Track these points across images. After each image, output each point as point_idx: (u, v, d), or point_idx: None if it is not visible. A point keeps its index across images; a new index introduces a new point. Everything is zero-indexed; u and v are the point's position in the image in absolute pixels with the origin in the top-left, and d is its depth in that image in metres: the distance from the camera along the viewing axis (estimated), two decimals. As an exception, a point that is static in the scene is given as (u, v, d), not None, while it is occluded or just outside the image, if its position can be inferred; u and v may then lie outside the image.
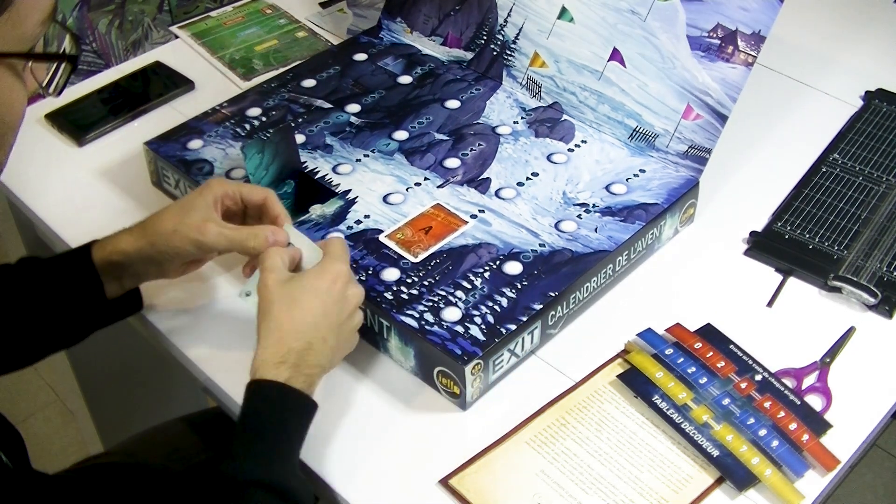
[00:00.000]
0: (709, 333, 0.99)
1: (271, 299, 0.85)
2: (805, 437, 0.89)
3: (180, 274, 0.99)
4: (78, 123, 1.27)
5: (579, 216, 1.06)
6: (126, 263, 0.94)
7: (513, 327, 0.93)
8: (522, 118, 1.20)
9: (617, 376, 0.96)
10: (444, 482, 0.87)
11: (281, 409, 0.82)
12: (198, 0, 2.18)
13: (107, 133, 1.27)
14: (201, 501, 0.79)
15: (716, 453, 0.88)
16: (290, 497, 0.78)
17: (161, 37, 2.14)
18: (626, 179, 1.11)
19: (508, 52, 1.25)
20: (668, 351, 0.97)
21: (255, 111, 1.21)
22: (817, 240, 1.11)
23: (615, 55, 1.16)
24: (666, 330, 0.99)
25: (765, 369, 0.96)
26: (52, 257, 0.97)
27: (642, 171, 1.12)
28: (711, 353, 0.96)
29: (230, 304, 1.04)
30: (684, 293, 1.06)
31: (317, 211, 1.06)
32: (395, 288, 0.97)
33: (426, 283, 0.98)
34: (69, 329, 0.97)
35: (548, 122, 1.19)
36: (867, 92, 1.33)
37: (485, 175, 1.11)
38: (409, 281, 0.98)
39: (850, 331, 1.02)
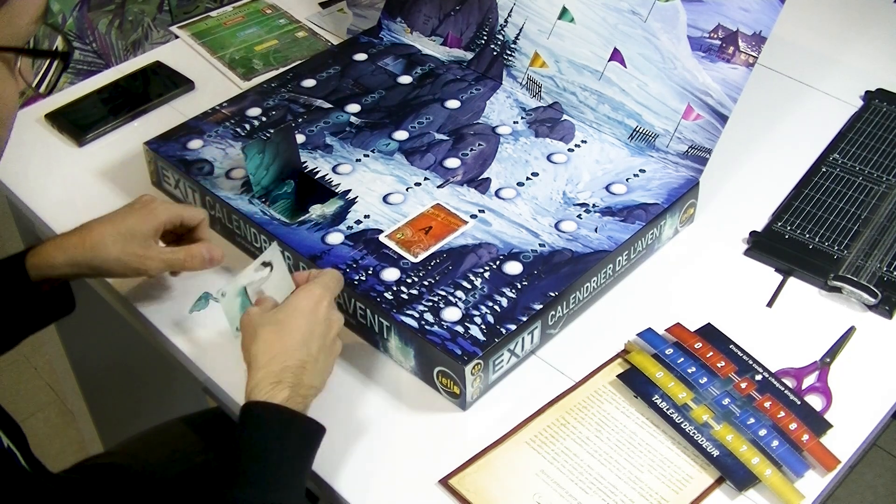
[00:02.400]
0: (709, 333, 0.99)
1: (256, 324, 0.86)
2: (805, 437, 0.89)
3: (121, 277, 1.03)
4: (78, 123, 1.27)
5: (579, 216, 1.06)
6: (55, 276, 0.96)
7: (513, 327, 0.93)
8: (522, 118, 1.20)
9: (617, 376, 0.96)
10: (444, 482, 0.87)
11: (281, 432, 0.81)
12: (198, 0, 2.18)
13: (107, 133, 1.27)
14: None
15: (716, 453, 0.88)
16: None
17: (161, 37, 2.14)
18: (626, 179, 1.11)
19: (508, 52, 1.25)
20: (669, 351, 0.97)
21: (255, 111, 1.21)
22: (817, 240, 1.11)
23: (615, 55, 1.16)
24: (666, 330, 0.99)
25: (765, 369, 0.96)
26: None
27: (642, 171, 1.12)
28: (711, 353, 0.96)
29: (230, 304, 1.04)
30: (684, 293, 1.06)
31: (317, 211, 1.06)
32: (395, 288, 0.97)
33: (426, 283, 0.98)
34: (4, 333, 0.98)
35: (548, 122, 1.19)
36: (867, 92, 1.33)
37: (485, 175, 1.11)
38: (409, 281, 0.98)
39: (850, 331, 1.02)
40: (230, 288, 0.93)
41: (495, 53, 1.26)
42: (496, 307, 0.95)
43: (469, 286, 0.98)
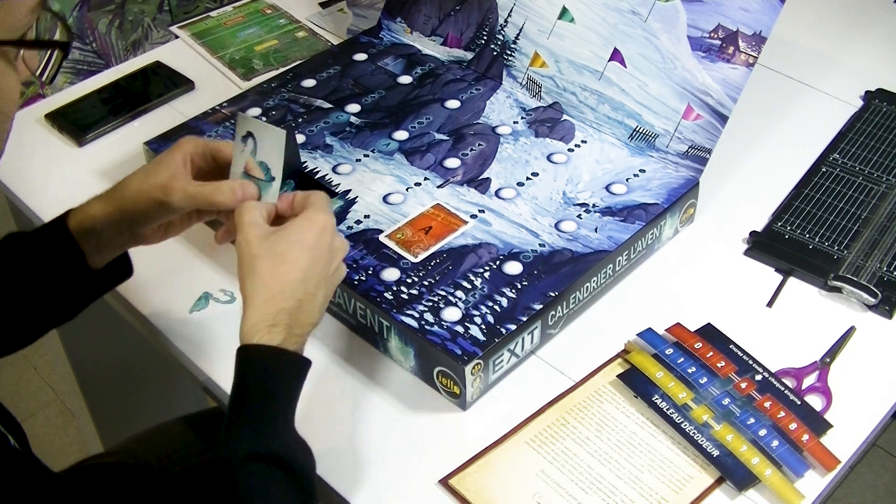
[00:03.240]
0: (709, 333, 0.99)
1: (254, 255, 0.81)
2: (805, 437, 0.89)
3: (159, 239, 0.94)
4: (78, 123, 1.27)
5: (579, 216, 1.06)
6: (98, 229, 0.91)
7: (513, 327, 0.93)
8: (522, 118, 1.20)
9: (617, 376, 0.96)
10: (444, 482, 0.87)
11: (277, 376, 0.79)
12: (198, 0, 2.18)
13: (107, 133, 1.27)
14: (199, 479, 0.78)
15: (716, 453, 0.88)
16: (287, 463, 0.77)
17: (161, 37, 2.14)
18: (626, 179, 1.11)
19: (508, 52, 1.25)
20: (669, 351, 0.97)
21: (254, 111, 1.21)
22: (817, 240, 1.11)
23: (615, 55, 1.16)
24: (666, 330, 0.99)
25: (765, 369, 0.96)
26: (32, 230, 0.94)
27: (642, 171, 1.12)
28: (711, 353, 0.96)
29: (230, 305, 1.04)
30: (684, 293, 1.06)
31: (317, 211, 1.06)
32: (395, 288, 0.97)
33: (426, 283, 0.98)
34: (60, 302, 0.94)
35: (548, 122, 1.19)
36: (867, 92, 1.33)
37: (485, 175, 1.11)
38: (409, 281, 0.98)
39: (850, 331, 1.02)
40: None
41: (495, 53, 1.26)
42: (496, 307, 0.95)
43: (469, 286, 0.98)
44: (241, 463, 0.76)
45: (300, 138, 1.16)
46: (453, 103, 1.22)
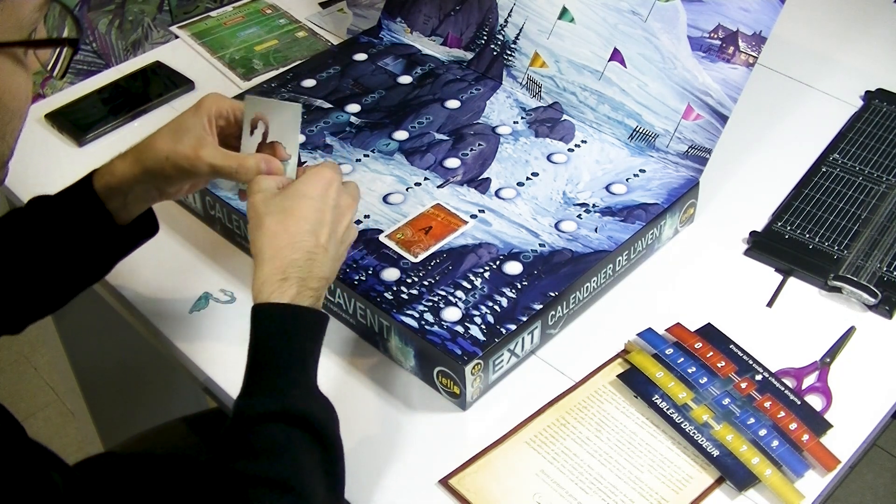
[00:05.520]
0: (709, 333, 0.99)
1: (261, 213, 0.81)
2: (805, 437, 0.89)
3: (186, 194, 0.96)
4: (78, 123, 1.27)
5: (579, 216, 1.06)
6: (125, 190, 0.91)
7: (513, 327, 0.93)
8: (522, 118, 1.20)
9: (617, 376, 0.96)
10: (444, 482, 0.87)
11: (292, 333, 0.78)
12: (198, 0, 2.18)
13: (107, 133, 1.27)
14: (216, 443, 0.78)
15: (716, 453, 0.88)
16: (305, 421, 0.76)
17: (161, 37, 2.14)
18: (626, 179, 1.11)
19: (509, 52, 1.25)
20: (669, 351, 0.97)
21: (255, 111, 1.21)
22: (817, 240, 1.11)
23: (615, 55, 1.16)
24: (666, 330, 0.99)
25: (765, 369, 0.96)
26: (58, 193, 0.94)
27: (642, 171, 1.12)
28: (711, 353, 0.96)
29: (230, 305, 1.04)
30: (684, 293, 1.06)
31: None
32: (395, 288, 0.97)
33: (426, 283, 0.98)
34: (90, 262, 0.94)
35: (548, 122, 1.19)
36: (867, 92, 1.33)
37: (485, 175, 1.11)
38: (409, 281, 0.98)
39: (850, 331, 1.02)
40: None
41: (495, 53, 1.26)
42: (496, 307, 0.95)
43: (469, 286, 0.98)
44: (257, 422, 0.75)
45: (300, 138, 1.16)
46: (453, 103, 1.22)
